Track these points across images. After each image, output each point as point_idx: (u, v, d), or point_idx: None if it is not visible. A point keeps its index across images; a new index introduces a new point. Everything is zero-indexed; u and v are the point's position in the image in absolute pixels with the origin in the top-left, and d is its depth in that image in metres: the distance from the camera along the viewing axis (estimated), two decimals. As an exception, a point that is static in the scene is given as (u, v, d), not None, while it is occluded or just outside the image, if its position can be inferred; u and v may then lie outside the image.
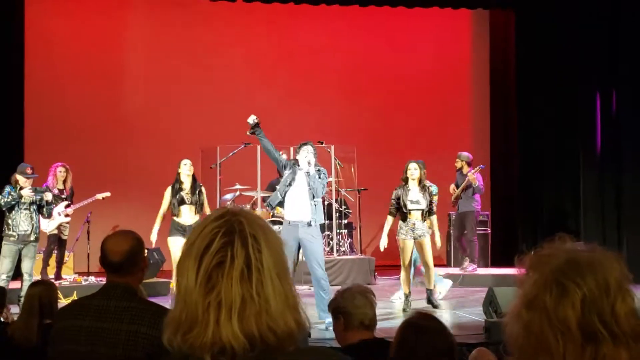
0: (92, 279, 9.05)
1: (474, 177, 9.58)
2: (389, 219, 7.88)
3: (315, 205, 6.82)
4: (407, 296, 7.82)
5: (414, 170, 7.74)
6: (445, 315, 7.31)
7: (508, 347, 1.27)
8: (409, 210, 7.68)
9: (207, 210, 8.07)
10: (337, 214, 10.66)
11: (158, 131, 11.76)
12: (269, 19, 12.07)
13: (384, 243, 7.99)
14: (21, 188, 7.63)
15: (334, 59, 12.44)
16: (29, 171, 7.73)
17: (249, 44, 12.19)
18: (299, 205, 6.81)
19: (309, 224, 6.73)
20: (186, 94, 11.96)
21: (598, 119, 10.87)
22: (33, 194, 7.67)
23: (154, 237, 7.86)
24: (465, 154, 10.06)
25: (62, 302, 7.97)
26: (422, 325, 2.61)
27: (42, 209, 7.80)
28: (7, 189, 7.64)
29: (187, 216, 7.76)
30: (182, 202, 7.77)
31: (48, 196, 7.96)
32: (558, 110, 11.05)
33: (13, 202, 7.59)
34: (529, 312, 1.23)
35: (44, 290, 4.06)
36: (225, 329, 1.24)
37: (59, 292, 4.67)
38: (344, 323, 3.12)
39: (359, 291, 3.17)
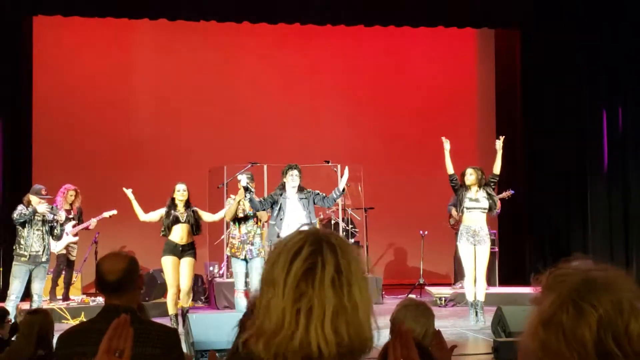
0: (99, 299, 9.05)
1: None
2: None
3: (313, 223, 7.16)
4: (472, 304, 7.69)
5: (469, 176, 7.73)
6: (453, 334, 7.28)
7: None
8: (467, 208, 7.54)
9: (207, 217, 8.10)
10: (344, 233, 10.66)
11: (165, 151, 11.81)
12: (275, 39, 12.15)
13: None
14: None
15: (340, 79, 12.50)
16: (43, 192, 7.79)
17: (256, 65, 12.26)
18: (294, 224, 6.97)
19: None
20: (193, 114, 12.02)
21: (605, 137, 10.88)
22: (49, 210, 7.72)
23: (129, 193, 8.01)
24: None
25: (70, 322, 8.00)
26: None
27: (53, 230, 7.84)
28: (21, 207, 7.69)
29: (180, 235, 7.81)
30: (176, 221, 7.81)
31: (61, 216, 8.01)
32: (564, 129, 11.07)
33: (27, 217, 7.61)
34: (546, 331, 1.25)
35: (43, 320, 4.05)
36: (316, 335, 1.25)
37: (67, 313, 4.71)
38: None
39: (413, 314, 3.08)
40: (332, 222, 10.81)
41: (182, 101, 12.01)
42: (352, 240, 10.91)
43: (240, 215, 7.81)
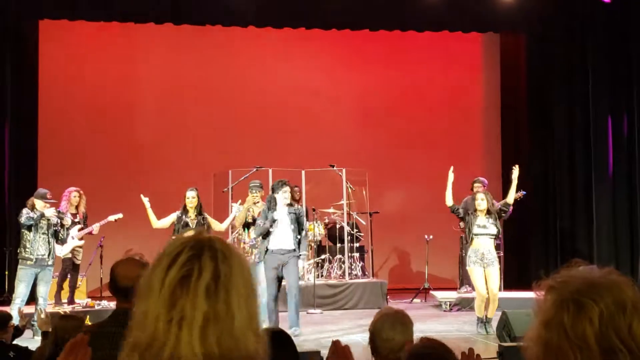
0: (105, 303, 9.07)
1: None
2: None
3: (299, 238, 7.66)
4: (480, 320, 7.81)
5: (480, 201, 7.71)
6: (458, 339, 7.26)
7: None
8: (476, 234, 7.65)
9: (215, 225, 8.30)
10: (349, 237, 10.66)
11: (171, 156, 11.82)
12: (280, 44, 12.17)
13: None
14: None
15: (345, 83, 12.51)
16: (48, 196, 7.81)
17: (261, 69, 12.28)
18: (282, 237, 7.58)
19: (290, 251, 7.57)
20: (198, 119, 12.04)
21: (610, 142, 10.86)
22: (56, 214, 7.74)
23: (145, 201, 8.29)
24: (482, 179, 9.97)
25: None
26: (425, 353, 2.53)
27: (57, 234, 7.86)
28: (25, 210, 7.71)
29: None
30: (185, 226, 8.05)
31: (67, 220, 8.03)
32: (570, 134, 11.07)
33: (36, 220, 7.64)
34: (548, 332, 1.25)
35: (76, 326, 3.83)
36: (185, 347, 1.17)
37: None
38: (372, 347, 3.07)
39: (391, 323, 3.02)
40: (337, 226, 10.80)
41: (187, 105, 12.03)
42: (357, 245, 10.91)
43: (250, 221, 8.37)
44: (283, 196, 7.64)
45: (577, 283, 1.27)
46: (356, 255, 10.79)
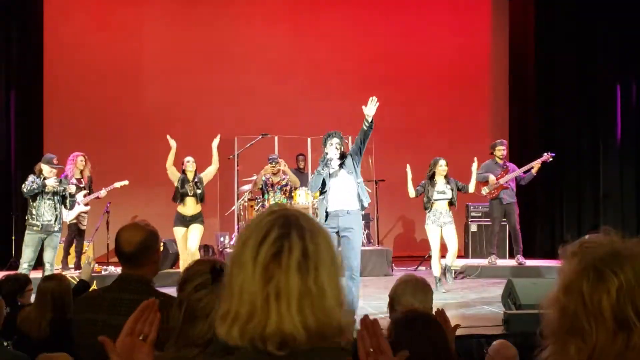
0: (111, 268, 9.13)
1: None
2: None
3: (359, 186, 6.56)
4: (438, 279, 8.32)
5: (444, 167, 8.42)
6: (463, 307, 7.30)
7: (544, 331, 1.28)
8: (435, 200, 8.38)
9: (209, 174, 8.59)
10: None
11: (176, 123, 11.75)
12: (287, 10, 12.05)
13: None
14: (45, 178, 7.69)
15: (352, 50, 12.39)
16: (54, 161, 7.81)
17: (267, 35, 12.17)
18: (340, 195, 6.51)
19: (349, 212, 6.46)
20: (204, 85, 11.98)
21: (618, 111, 10.78)
22: (57, 184, 7.74)
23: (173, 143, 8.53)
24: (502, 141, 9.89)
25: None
26: (410, 318, 2.52)
27: (65, 200, 7.88)
28: (31, 177, 7.71)
29: (189, 207, 8.37)
30: (185, 194, 8.36)
31: (71, 188, 8.05)
32: (578, 102, 10.99)
33: (36, 191, 7.65)
34: (566, 296, 1.25)
35: (56, 285, 4.10)
36: (287, 321, 1.23)
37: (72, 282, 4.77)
38: (391, 313, 3.07)
39: (412, 289, 3.05)
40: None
41: (192, 73, 11.96)
42: (362, 213, 10.89)
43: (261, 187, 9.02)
44: (333, 149, 6.59)
45: (601, 251, 1.26)
46: (362, 223, 10.78)
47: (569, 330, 1.23)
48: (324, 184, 6.56)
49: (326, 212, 6.50)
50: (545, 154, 9.40)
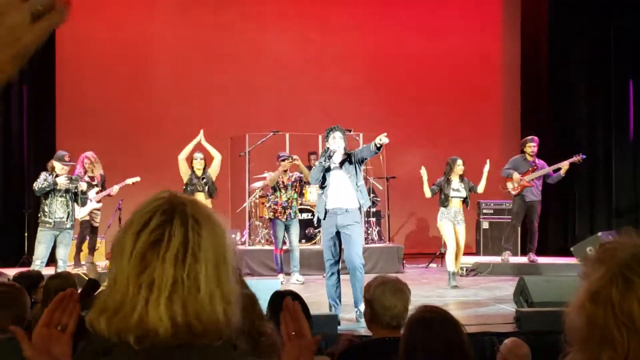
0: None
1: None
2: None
3: (359, 189, 6.47)
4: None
5: (462, 166, 8.58)
6: (475, 304, 7.27)
7: (568, 337, 1.25)
8: (452, 197, 8.54)
9: (214, 167, 8.78)
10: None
11: (188, 121, 11.77)
12: (297, 7, 12.03)
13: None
14: (57, 175, 7.72)
15: (363, 47, 12.37)
16: (66, 158, 7.84)
17: (278, 32, 12.17)
18: (339, 193, 6.43)
19: (347, 211, 6.35)
20: (215, 83, 11.99)
21: (631, 107, 10.71)
22: (68, 182, 7.77)
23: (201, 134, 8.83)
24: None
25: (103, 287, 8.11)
26: (427, 318, 2.49)
27: (77, 197, 7.91)
28: (43, 175, 7.75)
29: None
30: (194, 190, 8.48)
31: (83, 186, 8.08)
32: (590, 99, 10.93)
33: (48, 189, 7.69)
34: (593, 305, 1.22)
35: (61, 283, 4.09)
36: (152, 312, 1.17)
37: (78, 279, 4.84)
38: (371, 315, 3.08)
39: (392, 290, 3.04)
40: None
41: (203, 69, 11.97)
42: (373, 210, 10.89)
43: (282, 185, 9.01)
44: (332, 142, 6.47)
45: (626, 256, 1.23)
46: (373, 220, 10.79)
47: (600, 341, 1.20)
48: (324, 179, 6.53)
49: (325, 210, 6.45)
50: (576, 155, 9.26)
